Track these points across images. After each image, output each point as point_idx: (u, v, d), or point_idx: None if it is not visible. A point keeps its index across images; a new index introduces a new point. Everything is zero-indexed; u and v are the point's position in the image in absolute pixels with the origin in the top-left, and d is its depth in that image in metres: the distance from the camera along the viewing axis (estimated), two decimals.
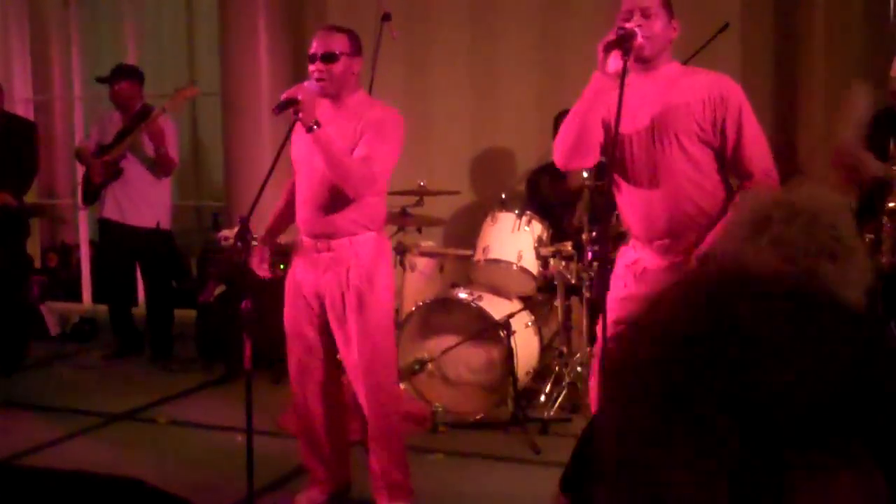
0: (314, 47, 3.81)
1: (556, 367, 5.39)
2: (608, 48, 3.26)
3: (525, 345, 5.22)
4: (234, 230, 6.08)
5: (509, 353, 5.04)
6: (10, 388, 6.05)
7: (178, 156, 6.57)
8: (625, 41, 3.25)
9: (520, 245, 5.33)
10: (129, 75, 6.57)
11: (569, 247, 5.36)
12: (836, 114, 5.68)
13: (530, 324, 5.38)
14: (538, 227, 5.42)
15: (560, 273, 5.37)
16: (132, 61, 7.29)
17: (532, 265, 5.35)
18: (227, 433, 5.02)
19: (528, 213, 5.42)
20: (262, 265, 4.06)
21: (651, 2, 3.37)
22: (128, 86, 6.51)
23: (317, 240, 3.88)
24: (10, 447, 4.89)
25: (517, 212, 5.40)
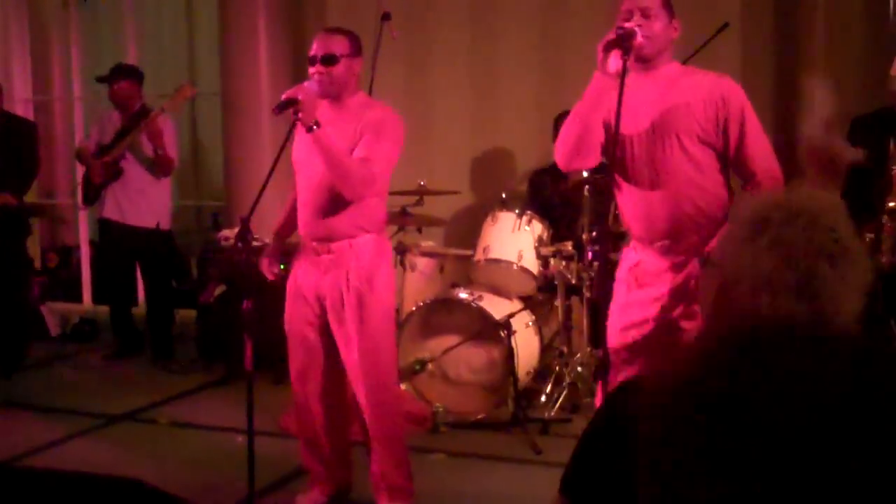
0: (314, 49, 3.81)
1: (557, 367, 5.39)
2: (608, 48, 3.25)
3: (525, 345, 5.22)
4: (235, 230, 6.14)
5: (510, 353, 5.04)
6: (11, 388, 6.04)
7: (177, 156, 6.56)
8: (624, 41, 3.24)
9: (520, 245, 5.34)
10: (128, 75, 6.57)
11: (569, 246, 5.36)
12: (801, 113, 5.71)
13: (531, 324, 5.38)
14: (538, 227, 5.42)
15: (560, 273, 5.37)
16: (132, 61, 7.29)
17: (532, 265, 5.35)
18: (227, 434, 5.02)
19: (529, 212, 5.42)
20: (272, 267, 4.08)
21: (651, 2, 3.36)
22: (127, 85, 6.51)
23: (317, 241, 3.88)
24: (11, 448, 4.88)
25: (517, 211, 5.40)
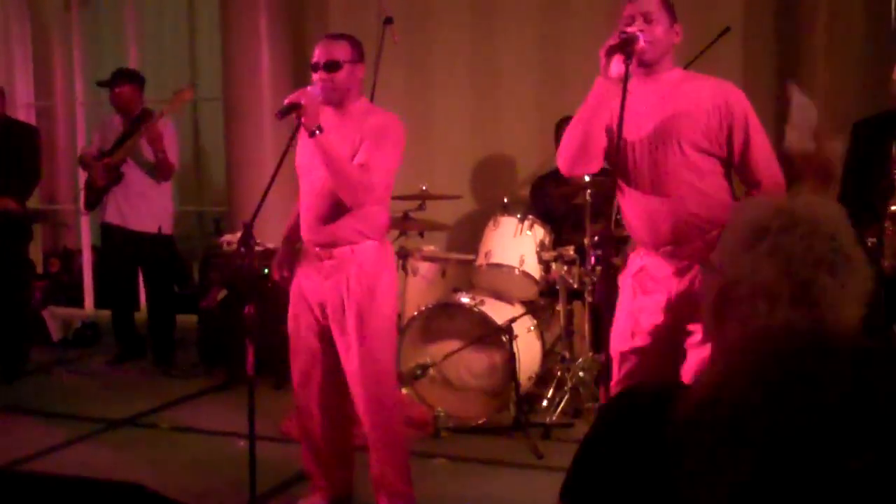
0: (316, 56, 3.80)
1: (559, 372, 5.38)
2: (610, 52, 3.24)
3: (527, 349, 5.22)
4: (237, 235, 6.14)
5: (511, 358, 5.04)
6: (12, 393, 6.04)
7: (178, 160, 6.56)
8: (626, 45, 3.23)
9: (522, 249, 5.33)
10: (129, 79, 6.57)
11: (571, 251, 5.36)
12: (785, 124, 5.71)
13: (532, 328, 5.37)
14: (540, 232, 5.41)
15: (562, 277, 5.37)
16: (134, 66, 7.29)
17: (534, 269, 5.34)
18: (228, 439, 5.01)
19: (531, 217, 5.42)
20: (283, 272, 4.09)
21: (653, 6, 3.35)
22: (128, 89, 6.52)
23: (319, 247, 3.88)
24: (12, 452, 4.88)
25: (519, 216, 5.40)
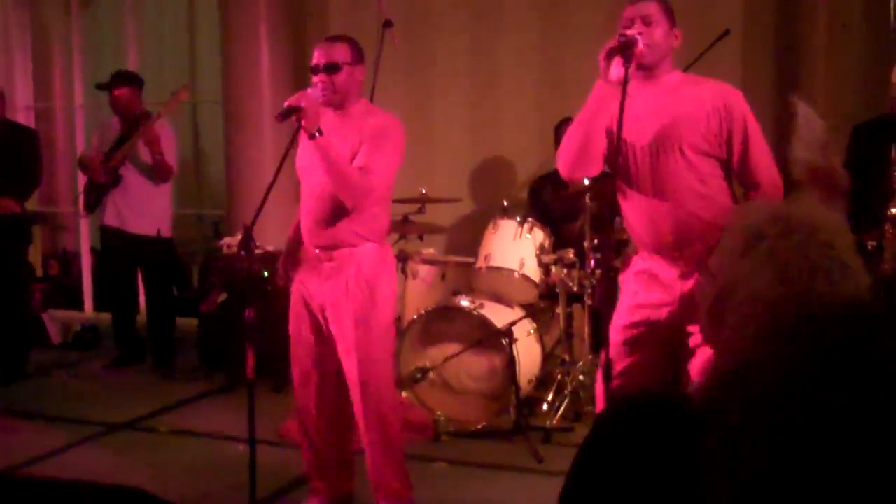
0: (316, 58, 3.81)
1: (559, 376, 5.38)
2: (609, 56, 3.25)
3: (527, 353, 5.21)
4: (237, 238, 6.14)
5: (511, 362, 5.03)
6: (12, 396, 6.04)
7: (176, 162, 6.55)
8: (626, 48, 3.24)
9: (521, 253, 5.33)
10: (128, 81, 6.57)
11: (571, 254, 5.36)
12: (791, 136, 5.70)
13: (532, 332, 5.37)
14: (540, 235, 5.41)
15: (562, 281, 5.36)
16: (134, 68, 7.29)
17: (534, 273, 5.34)
18: (228, 442, 5.01)
19: (530, 220, 5.42)
20: (286, 270, 4.09)
21: (652, 9, 3.35)
22: (127, 92, 6.52)
23: (319, 249, 3.89)
24: (11, 456, 4.88)
25: (519, 219, 5.39)
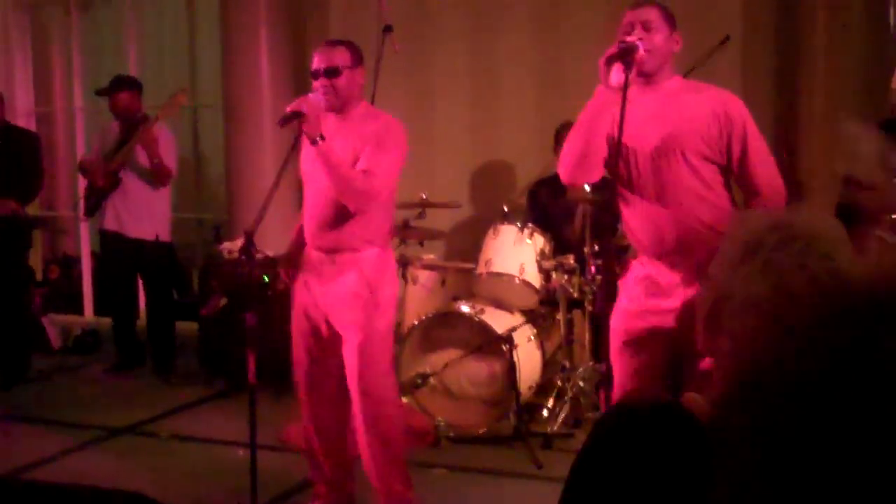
0: (316, 63, 3.82)
1: (559, 382, 5.37)
2: (610, 61, 3.25)
3: (527, 359, 5.21)
4: (237, 242, 6.13)
5: (512, 367, 5.03)
6: (12, 401, 6.04)
7: (175, 165, 6.55)
8: (626, 54, 3.24)
9: (522, 258, 5.33)
10: (127, 86, 6.58)
11: (571, 260, 5.35)
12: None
13: (532, 337, 5.37)
14: (540, 240, 5.41)
15: (562, 286, 5.36)
16: (134, 73, 7.30)
17: (534, 278, 5.34)
18: (228, 447, 5.01)
19: (530, 225, 5.42)
20: (288, 269, 4.09)
21: (653, 14, 3.36)
22: (126, 96, 6.52)
23: (322, 252, 3.89)
24: (12, 461, 4.88)
25: (519, 225, 5.39)
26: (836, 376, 1.06)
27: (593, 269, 5.23)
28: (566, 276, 5.35)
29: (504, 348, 5.05)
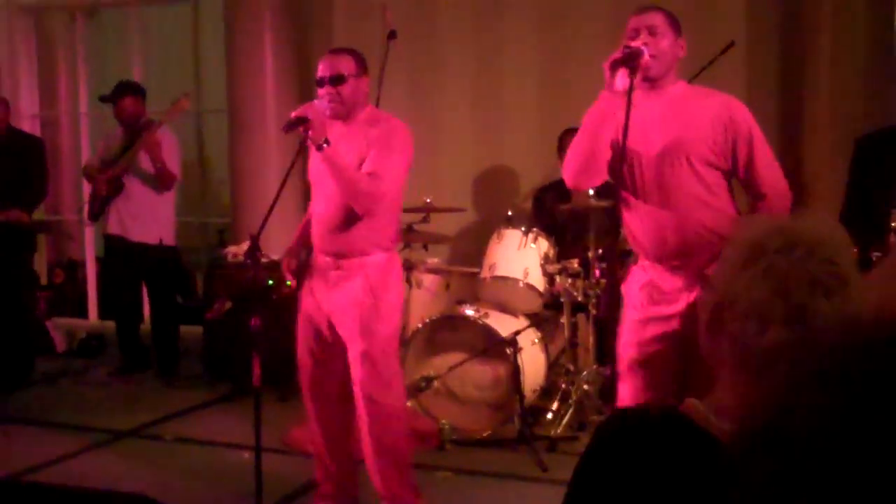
0: (321, 71, 3.83)
1: (563, 385, 5.38)
2: (615, 66, 3.25)
3: (532, 362, 5.22)
4: (241, 246, 6.15)
5: (516, 371, 5.04)
6: (17, 403, 6.04)
7: (179, 170, 6.57)
8: (631, 59, 3.25)
9: (526, 262, 5.34)
10: (131, 91, 6.59)
11: (575, 264, 5.36)
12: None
13: (537, 341, 5.37)
14: (544, 244, 5.42)
15: (566, 290, 5.37)
16: (138, 78, 7.32)
17: (538, 282, 5.35)
18: (233, 450, 5.02)
19: (535, 229, 5.43)
20: (290, 263, 4.08)
21: (658, 19, 3.36)
22: (130, 102, 6.54)
23: (329, 257, 3.89)
24: (17, 463, 4.89)
25: (523, 229, 5.40)
26: (861, 418, 1.06)
27: (598, 272, 5.24)
28: (570, 280, 5.36)
29: (508, 352, 5.06)
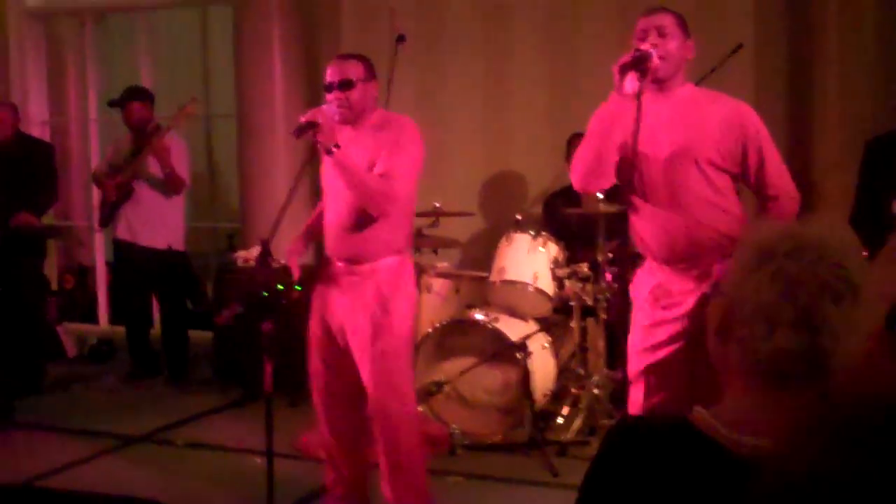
0: (330, 76, 3.82)
1: (573, 389, 5.37)
2: (624, 69, 3.25)
3: (541, 366, 5.21)
4: (251, 251, 6.15)
5: (526, 375, 5.04)
6: (28, 409, 6.05)
7: (188, 174, 6.58)
8: (641, 62, 3.25)
9: (535, 266, 5.33)
10: (139, 97, 6.61)
11: (585, 268, 5.35)
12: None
13: (547, 345, 5.37)
14: (554, 248, 5.41)
15: (576, 294, 5.36)
16: (147, 83, 7.33)
17: (548, 286, 5.34)
18: (244, 455, 5.02)
19: (544, 233, 5.42)
20: (295, 251, 4.07)
21: (667, 21, 3.36)
22: (138, 107, 6.55)
23: (342, 261, 3.89)
24: (28, 469, 4.90)
25: (532, 233, 5.40)
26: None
27: (609, 276, 5.24)
28: (580, 284, 5.35)
29: (518, 356, 5.06)
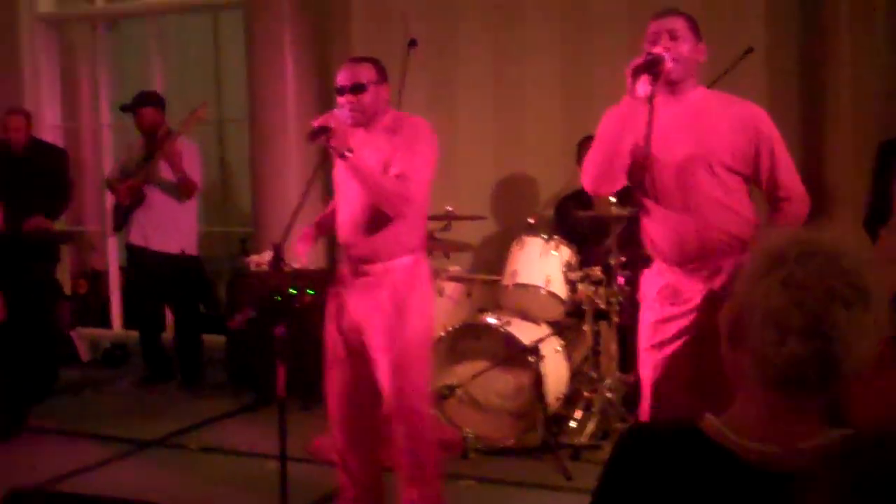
0: (341, 79, 3.82)
1: (586, 393, 5.36)
2: (637, 73, 3.25)
3: (554, 370, 5.20)
4: (264, 255, 6.16)
5: (538, 379, 5.03)
6: (41, 413, 6.07)
7: (200, 179, 6.59)
8: (653, 66, 3.25)
9: (548, 269, 5.32)
10: (150, 101, 6.63)
11: (598, 271, 5.34)
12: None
13: (559, 349, 5.35)
14: (566, 252, 5.40)
15: (589, 297, 5.35)
16: (159, 88, 7.35)
17: (561, 290, 5.33)
18: (257, 460, 5.03)
19: (556, 237, 5.41)
20: (304, 245, 4.05)
21: (679, 23, 3.37)
22: (150, 112, 6.58)
23: (356, 262, 3.89)
24: (41, 473, 4.91)
25: (545, 236, 5.39)
26: None
27: (622, 280, 5.23)
28: (593, 288, 5.34)
29: (531, 360, 5.05)
